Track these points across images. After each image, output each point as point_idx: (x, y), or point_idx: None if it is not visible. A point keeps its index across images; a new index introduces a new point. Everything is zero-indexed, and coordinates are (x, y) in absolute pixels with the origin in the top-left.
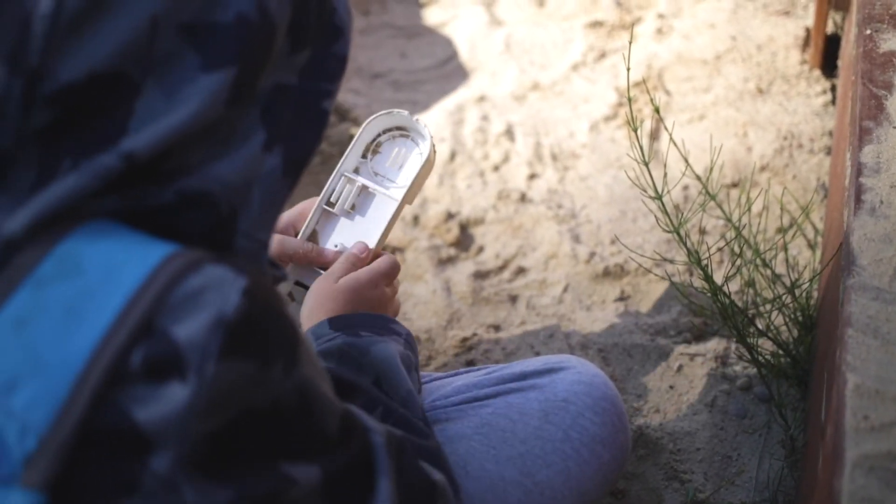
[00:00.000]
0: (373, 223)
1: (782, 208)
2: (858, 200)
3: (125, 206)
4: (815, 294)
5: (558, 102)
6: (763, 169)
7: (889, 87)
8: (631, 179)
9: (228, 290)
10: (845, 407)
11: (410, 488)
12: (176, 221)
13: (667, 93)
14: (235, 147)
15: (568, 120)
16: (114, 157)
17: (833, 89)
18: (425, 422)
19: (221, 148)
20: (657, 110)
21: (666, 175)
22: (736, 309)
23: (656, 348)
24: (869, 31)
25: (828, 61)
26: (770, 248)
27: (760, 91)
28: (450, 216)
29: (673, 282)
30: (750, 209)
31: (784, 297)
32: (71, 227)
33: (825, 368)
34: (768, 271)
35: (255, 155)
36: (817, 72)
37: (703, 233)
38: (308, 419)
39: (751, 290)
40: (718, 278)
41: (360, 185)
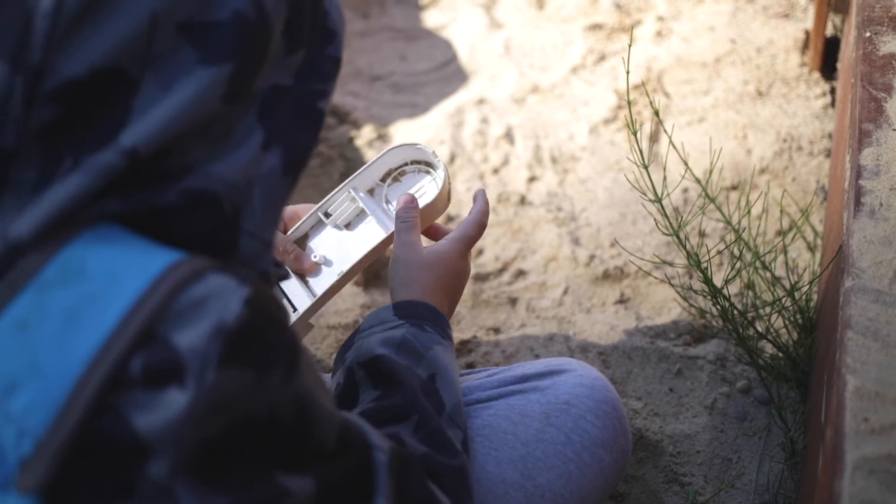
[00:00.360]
0: (357, 246)
1: (782, 211)
2: (858, 203)
3: (130, 208)
4: (815, 296)
5: (558, 105)
6: (763, 171)
7: (888, 89)
8: (630, 182)
9: (230, 298)
10: (845, 409)
11: None
12: (181, 223)
13: (666, 95)
14: (235, 146)
15: (567, 122)
16: (115, 153)
17: (832, 92)
18: (465, 435)
19: (221, 147)
20: (657, 113)
21: (665, 178)
22: (736, 311)
23: (656, 351)
24: (868, 34)
25: (827, 64)
26: (770, 251)
27: (760, 93)
28: (449, 219)
29: (672, 284)
30: (749, 212)
31: (784, 299)
32: (75, 231)
33: (825, 371)
34: (768, 274)
35: (255, 154)
36: (817, 74)
37: (702, 235)
38: (305, 429)
39: (750, 293)
40: (718, 281)
41: (360, 207)
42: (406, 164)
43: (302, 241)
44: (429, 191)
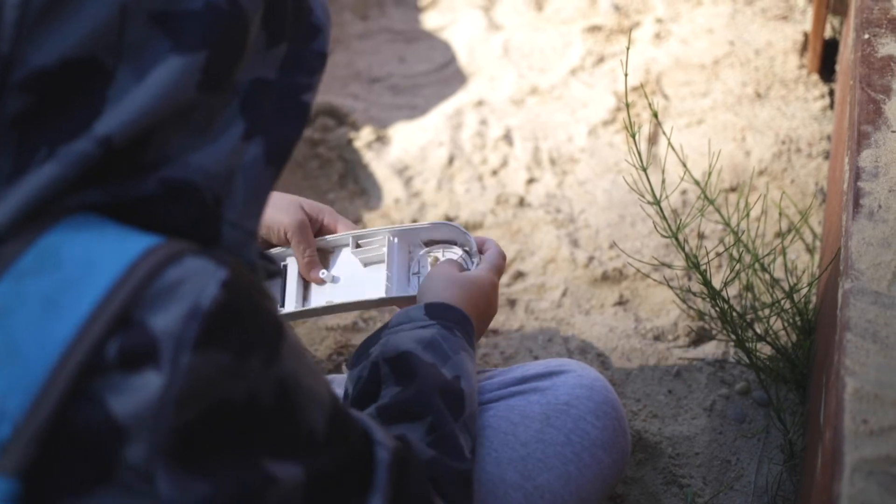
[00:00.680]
0: (356, 288)
1: (781, 213)
2: (857, 204)
3: (109, 198)
4: (814, 298)
5: (557, 107)
6: (761, 173)
7: (887, 91)
8: (629, 184)
9: (207, 281)
10: (844, 411)
11: None
12: (162, 213)
13: (665, 97)
14: (215, 137)
15: (566, 124)
16: (90, 142)
17: (831, 94)
18: (475, 442)
19: (200, 137)
20: (655, 115)
21: (664, 180)
22: (734, 313)
23: (655, 353)
24: (867, 36)
25: (826, 66)
26: (769, 253)
27: (759, 95)
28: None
29: (671, 286)
30: (748, 213)
31: (783, 301)
32: (53, 221)
33: (824, 372)
34: (767, 276)
35: (235, 144)
36: (815, 76)
37: (701, 237)
38: (290, 415)
39: (749, 295)
40: (717, 283)
41: (383, 255)
42: (450, 243)
43: (325, 254)
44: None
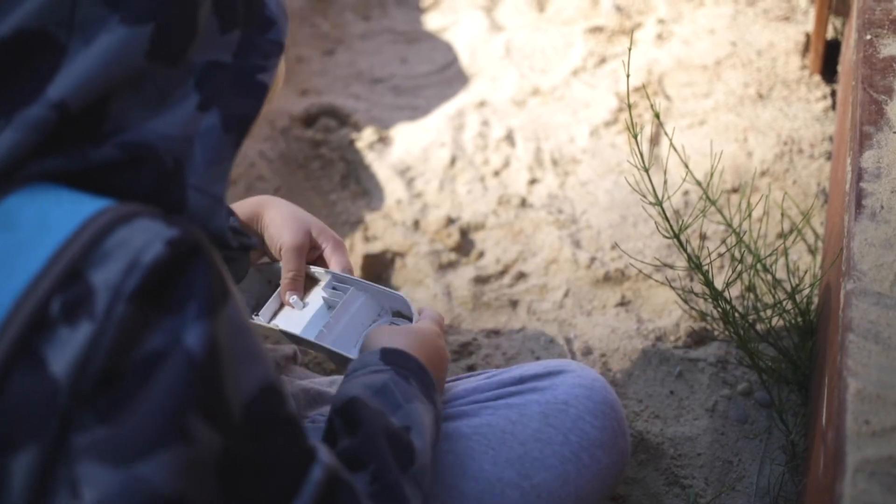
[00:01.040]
0: (303, 324)
1: (783, 213)
2: (859, 205)
3: (71, 165)
4: (816, 299)
5: (558, 107)
6: (763, 174)
7: (889, 92)
8: (631, 185)
9: (153, 238)
10: (846, 412)
11: None
12: (125, 179)
13: (667, 98)
14: (170, 107)
15: (568, 125)
16: (44, 107)
17: (833, 94)
18: (425, 502)
19: (156, 108)
20: (657, 116)
21: (666, 180)
22: (736, 314)
23: (657, 353)
24: (869, 37)
25: (828, 66)
26: (771, 254)
27: (760, 96)
28: (450, 221)
29: (673, 287)
30: (750, 214)
31: (785, 302)
32: (13, 187)
33: (826, 373)
34: (769, 276)
35: (191, 113)
36: (817, 77)
37: (703, 238)
38: (215, 379)
39: (751, 296)
40: (719, 283)
41: (336, 301)
42: (394, 314)
43: (313, 282)
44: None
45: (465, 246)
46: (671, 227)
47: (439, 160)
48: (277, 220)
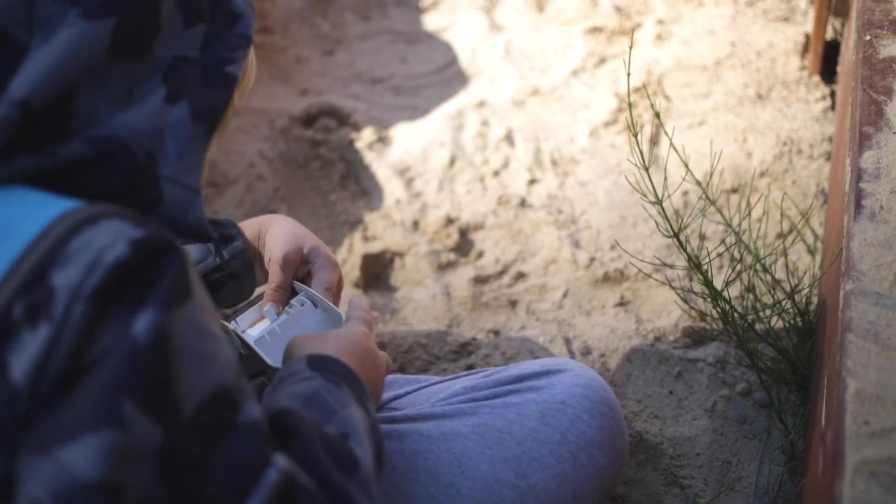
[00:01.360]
0: (262, 330)
1: (782, 214)
2: (858, 206)
3: (41, 164)
4: (815, 299)
5: (558, 108)
6: (763, 174)
7: (889, 92)
8: (631, 184)
9: (117, 239)
10: (846, 412)
11: None
12: (98, 175)
13: (666, 98)
14: (137, 102)
15: (568, 125)
16: (7, 106)
17: (832, 95)
18: None
19: (122, 103)
20: (657, 116)
21: (666, 180)
22: (736, 314)
23: (656, 353)
24: (868, 37)
25: (827, 67)
26: (770, 254)
27: (760, 97)
28: (450, 221)
29: (673, 287)
30: (750, 214)
31: (784, 302)
32: None
33: (825, 374)
34: (768, 276)
35: (159, 106)
36: (817, 77)
37: (702, 238)
38: (163, 372)
39: (751, 296)
40: (718, 283)
41: (294, 316)
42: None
43: (291, 296)
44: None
45: (464, 246)
46: (671, 226)
47: (439, 160)
48: (275, 235)
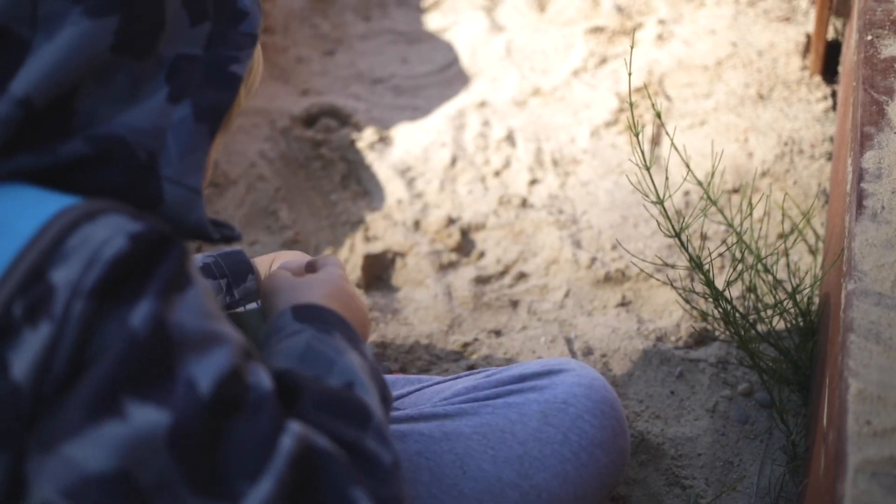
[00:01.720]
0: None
1: (783, 214)
2: (860, 206)
3: (41, 162)
4: (817, 299)
5: (559, 108)
6: (764, 174)
7: (890, 92)
8: (632, 184)
9: (116, 233)
10: (847, 412)
11: None
12: (98, 174)
13: (667, 98)
14: (139, 100)
15: (569, 125)
16: (8, 104)
17: (834, 95)
18: (396, 457)
19: (125, 101)
20: (658, 116)
21: (667, 180)
22: (737, 314)
23: (657, 354)
24: (870, 37)
25: (828, 67)
26: (771, 254)
27: (761, 97)
28: (451, 221)
29: (674, 287)
30: (751, 214)
31: (785, 302)
32: None
33: (827, 374)
34: (770, 277)
35: (161, 105)
36: (818, 78)
37: (704, 238)
38: (162, 359)
39: (752, 296)
40: (720, 283)
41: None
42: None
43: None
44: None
45: (465, 246)
46: (672, 226)
47: (440, 160)
48: (282, 257)
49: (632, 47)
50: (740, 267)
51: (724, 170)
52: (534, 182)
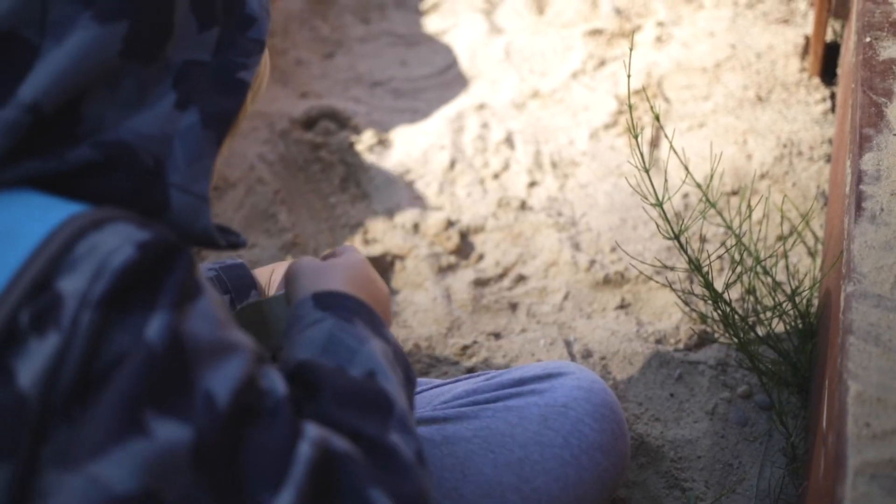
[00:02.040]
0: None
1: (782, 216)
2: (859, 208)
3: (48, 169)
4: (816, 302)
5: (558, 110)
6: (763, 176)
7: (889, 94)
8: (631, 187)
9: (123, 242)
10: (847, 414)
11: None
12: (105, 181)
13: (666, 101)
14: (147, 106)
15: (568, 128)
16: (17, 110)
17: (832, 97)
18: (419, 444)
19: (132, 107)
20: (657, 118)
21: (666, 182)
22: (736, 316)
23: (657, 356)
24: (868, 39)
25: (827, 69)
26: (770, 256)
27: (760, 99)
28: (450, 224)
29: (673, 289)
30: (750, 217)
31: (785, 304)
32: None
33: (826, 376)
34: (769, 279)
35: (168, 111)
36: (816, 80)
37: (703, 240)
38: (181, 372)
39: (751, 298)
40: (719, 286)
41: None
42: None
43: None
44: None
45: (464, 249)
46: (671, 228)
47: (439, 163)
48: (284, 265)
49: (631, 49)
50: (739, 269)
51: (723, 172)
52: (533, 184)
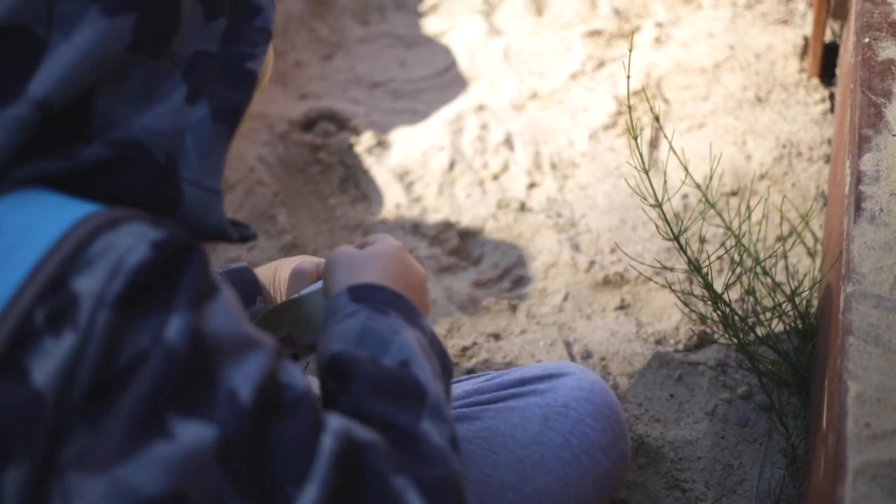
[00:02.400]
0: None
1: (782, 216)
2: (858, 208)
3: (59, 167)
4: (816, 302)
5: (557, 111)
6: (762, 177)
7: (888, 94)
8: (631, 187)
9: (138, 242)
10: (847, 415)
11: None
12: (116, 180)
13: (666, 101)
14: (157, 101)
15: (567, 129)
16: (26, 106)
17: (831, 97)
18: (453, 431)
19: (143, 103)
20: (656, 119)
21: (665, 183)
22: (736, 317)
23: (657, 357)
24: (867, 40)
25: (826, 70)
26: (770, 256)
27: (759, 99)
28: (449, 225)
29: (673, 290)
30: (750, 217)
31: (784, 305)
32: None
33: (826, 376)
34: (768, 279)
35: (179, 106)
36: (816, 80)
37: (702, 241)
38: (203, 372)
39: (751, 299)
40: (718, 286)
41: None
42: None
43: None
44: None
45: (464, 250)
46: (671, 229)
47: (438, 164)
48: (288, 263)
49: (630, 50)
50: (739, 270)
51: (723, 172)
52: (532, 185)
